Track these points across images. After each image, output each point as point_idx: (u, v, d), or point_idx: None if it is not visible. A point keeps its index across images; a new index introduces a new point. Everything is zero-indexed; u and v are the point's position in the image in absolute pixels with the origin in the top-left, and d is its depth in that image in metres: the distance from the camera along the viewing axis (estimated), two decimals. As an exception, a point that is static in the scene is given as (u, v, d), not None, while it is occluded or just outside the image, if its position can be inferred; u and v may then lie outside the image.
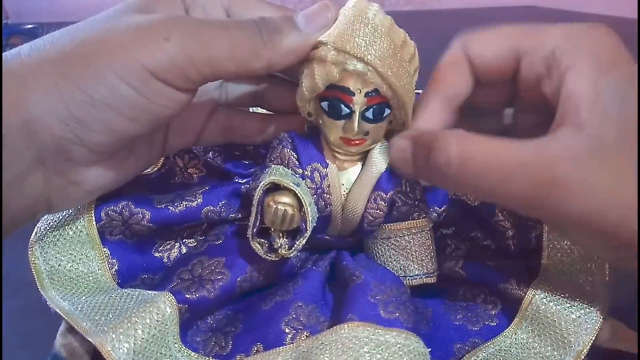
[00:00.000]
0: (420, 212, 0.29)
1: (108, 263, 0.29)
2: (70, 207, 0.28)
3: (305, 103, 0.27)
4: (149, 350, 0.24)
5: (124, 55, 0.22)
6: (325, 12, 0.25)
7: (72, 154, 0.24)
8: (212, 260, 0.29)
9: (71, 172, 0.25)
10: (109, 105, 0.23)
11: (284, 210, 0.25)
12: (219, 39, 0.24)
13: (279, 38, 0.24)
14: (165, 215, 0.29)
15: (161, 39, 0.22)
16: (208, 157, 0.32)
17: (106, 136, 0.24)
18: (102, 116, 0.23)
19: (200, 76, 0.24)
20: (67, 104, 0.22)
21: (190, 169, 0.33)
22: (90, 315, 0.25)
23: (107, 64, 0.22)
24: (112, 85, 0.22)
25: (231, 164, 0.32)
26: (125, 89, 0.22)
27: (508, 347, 0.28)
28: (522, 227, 0.30)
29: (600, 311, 0.27)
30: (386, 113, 0.26)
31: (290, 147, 0.28)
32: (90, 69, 0.22)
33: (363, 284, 0.27)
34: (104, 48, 0.23)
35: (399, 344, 0.23)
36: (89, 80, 0.22)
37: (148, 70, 0.22)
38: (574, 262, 0.29)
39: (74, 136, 0.23)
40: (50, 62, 0.22)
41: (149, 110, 0.24)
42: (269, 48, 0.24)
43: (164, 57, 0.22)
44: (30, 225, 0.29)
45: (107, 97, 0.22)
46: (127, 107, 0.23)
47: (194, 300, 0.27)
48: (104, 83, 0.22)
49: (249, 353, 0.26)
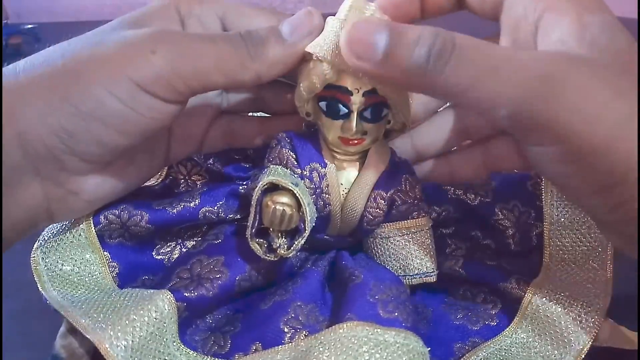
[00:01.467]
0: (419, 211, 0.29)
1: (109, 267, 0.29)
2: (72, 217, 0.28)
3: (303, 103, 0.27)
4: (147, 347, 0.24)
5: (111, 69, 0.23)
6: (310, 20, 0.25)
7: (65, 164, 0.24)
8: (211, 259, 0.29)
9: (68, 182, 0.25)
10: (97, 118, 0.23)
11: (282, 210, 0.25)
12: (206, 51, 0.24)
13: (265, 50, 0.25)
14: (163, 216, 0.29)
15: (148, 52, 0.23)
16: (208, 164, 0.32)
17: (96, 148, 0.24)
18: (90, 128, 0.23)
19: (188, 88, 0.24)
20: (57, 117, 0.23)
21: (193, 176, 0.33)
22: (89, 312, 0.25)
23: (94, 78, 0.23)
24: (100, 98, 0.23)
25: (231, 167, 0.32)
26: (113, 102, 0.23)
27: (508, 347, 0.28)
28: (522, 225, 0.30)
29: (600, 310, 0.27)
30: (384, 113, 0.26)
31: (289, 147, 0.28)
32: (79, 84, 0.23)
33: (362, 283, 0.27)
34: (92, 63, 0.23)
35: (398, 343, 0.23)
36: (77, 94, 0.23)
37: (135, 83, 0.23)
38: (575, 259, 0.29)
39: (65, 147, 0.23)
40: (42, 77, 0.23)
41: (137, 122, 0.24)
42: (255, 60, 0.25)
43: (150, 69, 0.23)
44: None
45: (94, 110, 0.23)
46: (114, 120, 0.23)
47: (192, 298, 0.27)
48: (91, 97, 0.23)
49: (247, 352, 0.26)
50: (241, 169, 0.32)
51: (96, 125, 0.23)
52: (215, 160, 0.32)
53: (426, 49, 0.20)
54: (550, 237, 0.29)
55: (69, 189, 0.25)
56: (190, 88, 0.24)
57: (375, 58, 0.21)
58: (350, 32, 0.22)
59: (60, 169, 0.24)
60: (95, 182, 0.26)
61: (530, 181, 0.30)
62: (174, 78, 0.23)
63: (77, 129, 0.23)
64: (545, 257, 0.29)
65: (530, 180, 0.30)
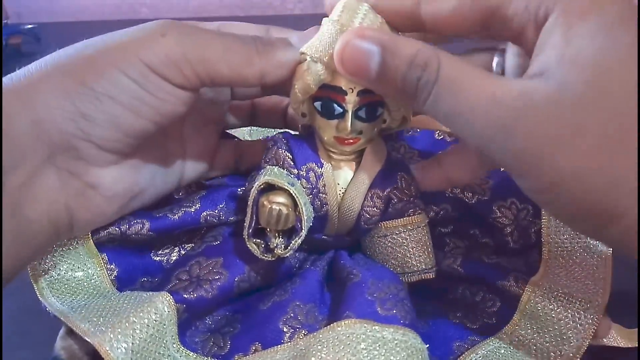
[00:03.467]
0: (415, 208, 0.29)
1: (107, 269, 0.29)
2: (92, 217, 0.27)
3: (298, 104, 0.27)
4: (147, 350, 0.24)
5: (124, 52, 0.24)
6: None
7: (81, 151, 0.24)
8: (210, 261, 0.29)
9: (85, 174, 0.25)
10: (112, 97, 0.24)
11: (278, 209, 0.25)
12: (214, 41, 0.25)
13: (273, 50, 0.25)
14: (164, 223, 0.29)
15: (158, 35, 0.24)
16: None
17: (112, 131, 0.24)
18: (106, 109, 0.24)
19: (195, 75, 0.24)
20: (73, 100, 0.23)
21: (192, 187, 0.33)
22: (88, 316, 0.25)
23: (109, 61, 0.24)
24: (115, 78, 0.23)
25: (229, 178, 0.32)
26: (127, 82, 0.24)
27: (507, 345, 0.28)
28: (520, 223, 0.30)
29: (599, 307, 0.27)
30: (379, 112, 0.26)
31: (285, 148, 0.28)
32: (93, 67, 0.24)
33: (360, 282, 0.27)
34: (105, 48, 0.24)
35: (397, 340, 0.23)
36: (92, 76, 0.23)
37: (146, 64, 0.24)
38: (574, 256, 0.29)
39: (80, 132, 0.24)
40: (56, 66, 0.24)
41: (151, 104, 0.24)
42: (262, 57, 0.25)
43: (160, 51, 0.24)
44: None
45: (110, 90, 0.23)
46: (129, 100, 0.24)
47: (192, 300, 0.27)
48: (106, 77, 0.23)
49: (247, 352, 0.26)
50: (240, 179, 0.32)
51: (111, 106, 0.24)
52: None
53: (415, 79, 0.21)
54: (549, 233, 0.29)
55: (86, 181, 0.25)
56: (196, 74, 0.24)
57: (368, 77, 0.22)
58: (343, 50, 0.22)
59: (76, 157, 0.24)
60: (112, 175, 0.26)
61: None
62: (182, 61, 0.24)
63: (93, 111, 0.23)
64: (544, 253, 0.29)
65: None
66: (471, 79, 0.21)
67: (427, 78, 0.21)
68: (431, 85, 0.21)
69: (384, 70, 0.22)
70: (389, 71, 0.21)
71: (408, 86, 0.21)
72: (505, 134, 0.20)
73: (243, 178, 0.31)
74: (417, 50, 0.21)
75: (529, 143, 0.20)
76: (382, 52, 0.21)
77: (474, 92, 0.20)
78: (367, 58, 0.21)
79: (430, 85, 0.21)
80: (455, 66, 0.21)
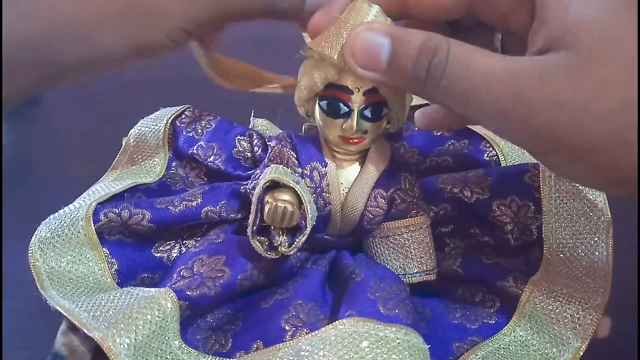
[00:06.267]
0: (418, 209, 0.29)
1: (108, 263, 0.29)
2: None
3: (304, 103, 0.27)
4: (150, 346, 0.24)
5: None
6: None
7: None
8: (212, 258, 0.29)
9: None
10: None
11: (283, 207, 0.26)
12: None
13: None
14: (165, 216, 0.29)
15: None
16: (208, 162, 0.32)
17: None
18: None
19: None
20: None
21: (190, 178, 0.33)
22: (90, 312, 0.25)
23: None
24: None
25: (231, 166, 0.32)
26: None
27: (507, 345, 0.28)
28: (521, 219, 0.30)
29: (598, 307, 0.27)
30: (384, 112, 0.27)
31: (290, 147, 0.28)
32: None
33: (363, 281, 0.27)
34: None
35: (399, 339, 0.23)
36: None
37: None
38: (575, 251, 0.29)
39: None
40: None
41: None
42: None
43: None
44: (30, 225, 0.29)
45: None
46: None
47: (194, 297, 0.27)
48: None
49: (249, 350, 0.26)
50: (240, 167, 0.32)
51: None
52: (215, 158, 0.32)
53: (426, 63, 0.21)
54: (550, 229, 0.29)
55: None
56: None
57: (379, 68, 0.22)
58: (354, 42, 0.22)
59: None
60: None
61: (528, 174, 0.30)
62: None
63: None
64: (545, 250, 0.29)
65: (527, 173, 0.30)
66: (482, 56, 0.21)
67: (438, 59, 0.21)
68: (443, 65, 0.21)
69: (395, 59, 0.22)
70: (400, 59, 0.22)
71: (419, 71, 0.21)
72: (525, 106, 0.20)
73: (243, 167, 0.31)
74: (426, 37, 0.21)
75: (553, 114, 0.19)
76: (392, 41, 0.22)
77: (488, 64, 0.20)
78: (377, 49, 0.22)
79: (442, 66, 0.21)
80: (464, 47, 0.21)
